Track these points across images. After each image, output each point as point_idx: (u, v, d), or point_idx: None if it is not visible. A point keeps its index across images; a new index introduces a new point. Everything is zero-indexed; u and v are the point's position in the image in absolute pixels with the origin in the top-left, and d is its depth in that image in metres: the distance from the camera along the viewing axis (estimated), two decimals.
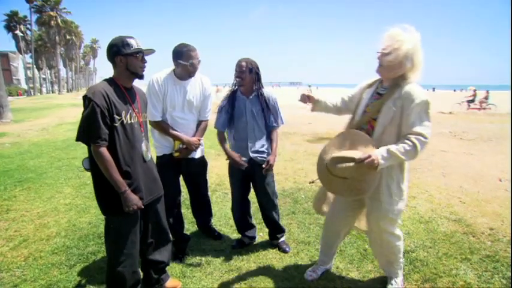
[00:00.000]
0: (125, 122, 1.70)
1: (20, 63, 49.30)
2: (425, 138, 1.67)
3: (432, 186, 4.12)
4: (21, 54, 44.22)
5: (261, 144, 2.45)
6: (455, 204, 3.49)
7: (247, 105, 2.41)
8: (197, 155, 2.50)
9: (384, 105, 1.75)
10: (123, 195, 1.66)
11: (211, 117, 2.53)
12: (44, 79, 55.71)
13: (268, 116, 2.45)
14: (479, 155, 5.83)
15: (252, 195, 2.66)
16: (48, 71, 55.19)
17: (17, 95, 35.97)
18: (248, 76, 2.34)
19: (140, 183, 1.78)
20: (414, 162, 5.28)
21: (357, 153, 1.68)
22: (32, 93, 39.70)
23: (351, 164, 1.67)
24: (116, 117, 1.66)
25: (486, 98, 16.96)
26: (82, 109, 1.65)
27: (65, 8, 43.70)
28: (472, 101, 16.99)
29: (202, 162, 2.62)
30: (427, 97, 1.68)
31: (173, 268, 2.32)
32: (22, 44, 41.70)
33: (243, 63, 2.32)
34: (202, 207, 2.79)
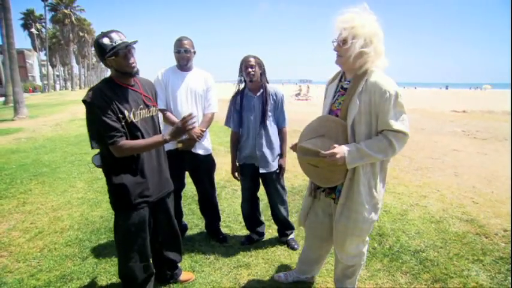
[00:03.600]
0: (129, 120, 1.64)
1: (35, 61, 50.45)
2: (405, 134, 1.50)
3: (444, 185, 4.05)
4: (36, 51, 45.28)
5: (269, 143, 2.42)
6: (467, 205, 3.43)
7: (256, 103, 2.40)
8: (201, 150, 2.48)
9: (350, 101, 1.55)
10: (167, 140, 1.67)
11: (221, 115, 2.55)
12: (58, 76, 56.98)
13: (275, 113, 2.44)
14: (494, 155, 5.70)
15: (261, 192, 2.68)
16: (62, 68, 56.36)
17: (28, 92, 35.79)
18: (258, 71, 2.35)
19: (149, 181, 1.76)
20: (425, 161, 5.21)
21: (324, 146, 1.55)
22: (47, 89, 40.60)
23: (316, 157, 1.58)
24: (120, 116, 1.60)
25: (307, 91, 23.23)
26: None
27: (78, 6, 44.53)
28: (299, 94, 22.70)
29: (207, 160, 2.58)
30: (395, 87, 1.49)
31: (182, 263, 2.34)
32: (37, 42, 42.72)
33: (251, 59, 2.34)
34: (207, 209, 2.76)
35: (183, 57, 2.39)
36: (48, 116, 12.10)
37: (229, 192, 3.87)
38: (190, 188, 3.63)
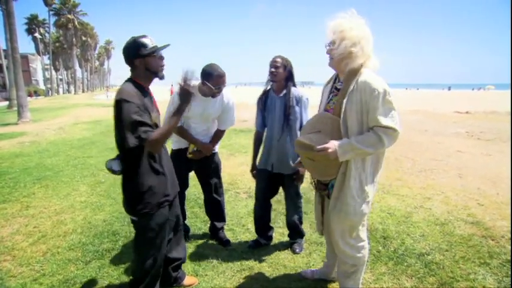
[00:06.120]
0: (153, 121, 1.69)
1: (39, 65, 50.76)
2: (394, 130, 1.56)
3: (448, 187, 4.02)
4: (39, 55, 45.58)
5: (285, 144, 2.39)
6: (472, 207, 3.39)
7: (277, 103, 2.40)
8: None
9: (343, 100, 1.64)
10: (180, 109, 1.64)
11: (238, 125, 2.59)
12: (61, 80, 57.29)
13: (295, 116, 2.37)
14: (498, 156, 5.65)
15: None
16: (65, 72, 56.70)
17: (30, 96, 34.81)
18: (282, 72, 2.34)
19: (168, 181, 1.81)
20: (429, 163, 5.17)
21: (319, 141, 1.65)
22: (50, 93, 40.87)
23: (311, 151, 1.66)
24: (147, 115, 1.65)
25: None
26: (96, 110, 1.64)
27: (81, 10, 44.93)
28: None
29: (212, 159, 2.62)
30: (384, 85, 1.57)
31: (186, 266, 2.34)
32: (41, 46, 42.98)
33: (278, 59, 2.35)
34: (213, 210, 2.77)
35: (221, 93, 2.34)
36: (51, 119, 12.16)
37: (232, 195, 3.86)
38: (193, 191, 3.63)
